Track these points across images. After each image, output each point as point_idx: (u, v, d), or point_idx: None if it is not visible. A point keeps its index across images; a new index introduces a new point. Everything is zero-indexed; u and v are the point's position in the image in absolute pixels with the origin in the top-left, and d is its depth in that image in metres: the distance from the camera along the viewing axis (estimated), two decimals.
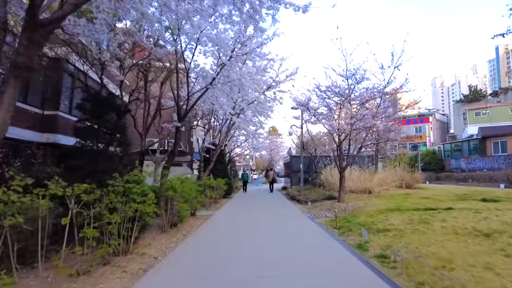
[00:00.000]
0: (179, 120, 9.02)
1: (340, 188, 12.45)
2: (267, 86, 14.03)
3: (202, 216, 10.16)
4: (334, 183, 17.03)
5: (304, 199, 13.77)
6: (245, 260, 5.09)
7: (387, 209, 10.00)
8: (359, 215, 9.59)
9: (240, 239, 6.81)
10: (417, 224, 7.22)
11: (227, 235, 7.27)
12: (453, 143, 30.45)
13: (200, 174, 14.81)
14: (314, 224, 8.59)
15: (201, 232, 7.59)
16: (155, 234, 7.06)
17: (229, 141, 21.35)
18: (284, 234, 7.26)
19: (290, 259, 5.09)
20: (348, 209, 10.92)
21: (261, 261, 5.00)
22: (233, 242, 6.53)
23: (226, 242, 6.49)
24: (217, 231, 7.88)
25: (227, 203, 14.79)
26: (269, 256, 5.27)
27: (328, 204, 12.42)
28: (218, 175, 16.47)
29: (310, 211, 11.40)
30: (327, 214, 10.48)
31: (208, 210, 11.83)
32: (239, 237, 7.00)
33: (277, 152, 44.17)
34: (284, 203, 14.58)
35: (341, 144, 12.15)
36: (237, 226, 8.49)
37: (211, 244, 6.28)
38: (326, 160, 20.77)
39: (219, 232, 7.69)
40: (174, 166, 17.08)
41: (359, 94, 11.25)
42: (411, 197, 12.28)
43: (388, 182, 16.12)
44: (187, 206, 8.00)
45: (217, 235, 7.26)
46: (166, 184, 7.11)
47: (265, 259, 5.12)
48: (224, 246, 6.11)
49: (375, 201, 12.06)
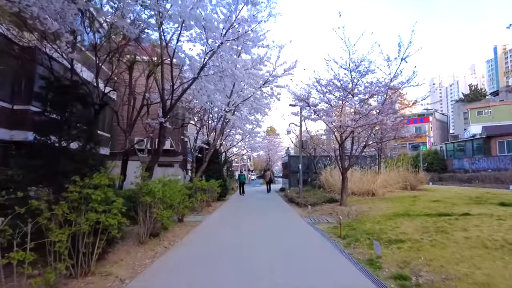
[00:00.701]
0: (163, 115, 8.04)
1: (342, 190, 11.50)
2: (263, 81, 13.08)
3: (190, 222, 9.17)
4: (335, 185, 16.10)
5: (303, 202, 12.81)
6: (233, 282, 4.12)
7: (395, 214, 9.06)
8: (365, 221, 8.64)
9: (231, 252, 5.84)
10: (434, 234, 6.27)
11: (215, 247, 6.29)
12: (456, 143, 29.61)
13: (192, 175, 13.83)
14: (315, 232, 7.62)
15: (185, 243, 6.60)
16: (131, 246, 6.07)
17: (224, 140, 20.35)
18: (281, 245, 6.29)
19: (290, 284, 4.12)
20: (351, 214, 9.97)
21: (254, 283, 4.03)
22: (222, 256, 5.55)
23: (213, 257, 5.51)
24: (204, 242, 6.89)
25: (221, 206, 13.81)
26: (264, 274, 4.30)
27: (329, 207, 11.47)
28: (212, 176, 15.48)
29: (310, 215, 10.44)
30: (329, 220, 9.52)
31: (198, 214, 10.85)
32: (229, 250, 6.02)
33: (275, 152, 43.17)
34: (281, 207, 13.61)
35: (343, 143, 11.21)
36: (228, 235, 7.50)
37: (194, 260, 5.29)
38: (325, 160, 19.83)
39: (206, 243, 6.70)
40: (165, 167, 16.10)
41: (363, 88, 10.30)
42: (419, 200, 11.34)
43: (392, 183, 15.19)
44: (171, 212, 7.01)
45: (202, 248, 6.28)
46: (143, 188, 6.12)
47: (259, 277, 4.15)
48: (210, 263, 5.12)
49: (381, 205, 11.13)
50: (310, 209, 11.06)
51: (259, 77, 12.85)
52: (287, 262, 5.08)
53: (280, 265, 4.89)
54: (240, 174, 21.92)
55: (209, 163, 16.00)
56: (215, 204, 14.09)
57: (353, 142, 11.25)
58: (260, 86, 13.22)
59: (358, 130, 10.60)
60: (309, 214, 10.69)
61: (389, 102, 9.94)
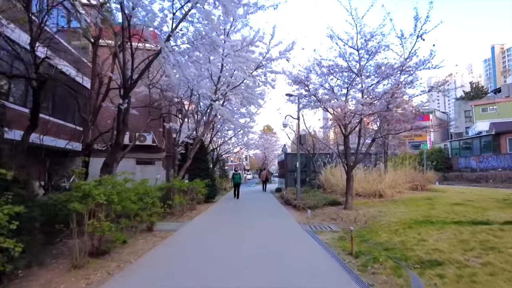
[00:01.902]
0: (123, 95, 6.29)
1: (347, 191, 9.81)
2: (256, 65, 11.36)
3: (162, 231, 7.41)
4: (337, 185, 14.43)
5: (302, 204, 11.10)
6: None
7: (414, 220, 7.38)
8: (378, 230, 6.95)
9: (204, 280, 4.10)
10: (482, 252, 4.59)
11: (183, 272, 4.55)
12: (462, 141, 28.06)
13: (173, 174, 12.10)
14: (318, 248, 5.90)
15: (142, 264, 4.84)
16: (62, 271, 4.31)
17: (215, 136, 18.58)
18: (275, 270, 4.57)
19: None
20: (360, 220, 8.29)
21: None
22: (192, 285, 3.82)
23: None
24: (169, 262, 5.13)
25: (207, 210, 12.06)
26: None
27: (332, 211, 9.77)
28: (199, 176, 13.73)
29: (310, 222, 8.74)
30: (333, 227, 7.82)
31: (176, 220, 9.10)
32: (202, 276, 4.28)
33: (272, 151, 41.45)
34: (276, 210, 11.89)
35: (349, 135, 9.51)
36: (204, 251, 5.77)
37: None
38: (325, 158, 18.15)
39: (171, 265, 4.95)
40: (144, 164, 14.32)
41: (373, 69, 8.59)
42: (437, 203, 9.67)
43: (400, 183, 13.53)
44: (125, 223, 5.27)
45: (164, 272, 4.53)
46: (75, 192, 4.36)
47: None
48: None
49: (393, 208, 9.46)
50: (310, 213, 9.35)
51: (250, 61, 11.16)
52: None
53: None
54: (235, 173, 17.72)
55: (194, 160, 14.25)
56: (200, 207, 12.33)
57: (360, 136, 9.56)
58: (252, 71, 11.52)
59: (368, 119, 8.91)
60: (308, 220, 8.98)
61: (404, 82, 8.25)
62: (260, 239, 6.68)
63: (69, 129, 11.63)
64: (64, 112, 10.40)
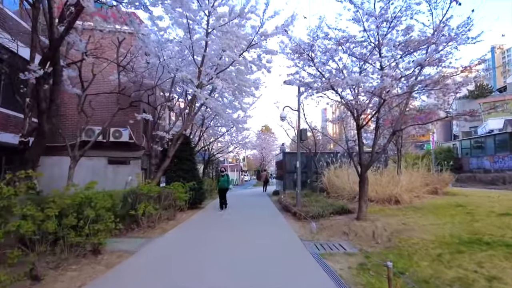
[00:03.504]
0: (44, 59, 4.29)
1: (361, 197, 7.83)
2: (247, 42, 9.40)
3: (114, 253, 5.41)
4: (343, 188, 12.46)
5: (303, 213, 9.12)
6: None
7: (458, 239, 5.42)
8: (412, 254, 4.99)
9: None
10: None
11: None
12: (473, 139, 26.15)
13: (150, 175, 10.13)
14: (330, 285, 3.92)
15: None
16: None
17: (204, 132, 16.56)
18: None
19: None
20: (380, 236, 6.33)
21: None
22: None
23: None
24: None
25: (190, 218, 10.05)
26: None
27: (341, 223, 7.78)
28: (183, 177, 11.73)
29: (315, 238, 6.75)
30: (346, 247, 5.86)
31: (144, 235, 7.09)
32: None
33: (269, 151, 39.53)
34: (273, 220, 9.89)
35: (362, 128, 7.54)
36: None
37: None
38: (328, 157, 16.18)
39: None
40: (117, 164, 12.27)
41: (396, 41, 6.59)
42: (475, 212, 7.68)
43: (416, 186, 11.56)
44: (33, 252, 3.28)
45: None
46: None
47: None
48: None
49: (418, 219, 7.50)
50: (315, 227, 7.35)
51: (241, 38, 9.19)
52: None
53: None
54: (221, 174, 12.71)
55: (180, 160, 12.26)
56: (182, 215, 10.31)
57: (378, 127, 7.57)
58: (243, 51, 9.55)
59: (393, 102, 6.93)
60: (313, 235, 6.98)
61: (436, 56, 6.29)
62: (250, 268, 4.68)
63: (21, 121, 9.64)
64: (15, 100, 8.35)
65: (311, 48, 6.63)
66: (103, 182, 11.72)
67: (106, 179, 11.71)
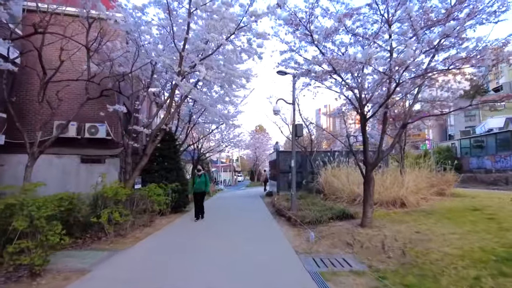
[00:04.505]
0: None
1: (366, 201, 6.74)
2: (235, 25, 8.26)
3: (61, 274, 4.22)
4: (341, 190, 11.38)
5: (299, 218, 8.00)
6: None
7: (493, 253, 4.36)
8: (436, 274, 3.91)
9: None
10: None
11: None
12: (473, 138, 25.37)
13: (127, 176, 8.95)
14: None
15: None
16: None
17: (191, 129, 15.34)
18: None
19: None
20: (391, 248, 5.25)
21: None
22: None
23: None
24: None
25: (170, 224, 8.87)
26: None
27: (343, 230, 6.69)
28: (165, 177, 10.55)
29: (313, 249, 5.64)
30: (352, 263, 4.76)
31: (110, 246, 5.89)
32: None
33: (263, 151, 38.43)
34: (266, 226, 8.74)
35: (368, 120, 6.46)
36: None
37: None
38: (325, 156, 15.13)
39: None
40: (90, 163, 10.98)
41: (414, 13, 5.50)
42: (498, 217, 6.63)
43: (422, 187, 10.54)
44: None
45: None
46: None
47: None
48: None
49: (433, 226, 6.43)
50: (313, 237, 6.22)
51: (228, 18, 8.06)
52: None
53: None
54: (197, 174, 9.98)
55: (163, 159, 11.07)
56: (161, 220, 9.11)
57: (386, 119, 6.48)
58: (230, 34, 8.41)
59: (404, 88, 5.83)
60: (311, 246, 5.87)
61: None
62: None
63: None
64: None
65: (309, 19, 5.51)
66: (75, 182, 10.59)
67: (78, 179, 10.45)
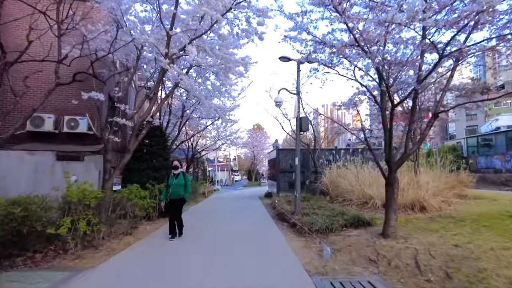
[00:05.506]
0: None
1: (389, 205, 5.57)
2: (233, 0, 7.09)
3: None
4: (351, 191, 10.21)
5: (306, 225, 6.82)
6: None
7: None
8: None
9: None
10: None
11: None
12: (480, 137, 24.33)
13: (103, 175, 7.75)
14: None
15: None
16: None
17: (184, 124, 14.10)
18: None
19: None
20: (429, 267, 4.09)
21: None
22: None
23: None
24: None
25: (155, 232, 7.66)
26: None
27: (361, 241, 5.52)
28: (152, 177, 9.36)
29: (329, 268, 4.46)
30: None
31: (70, 264, 4.69)
32: None
33: (261, 149, 37.22)
34: (266, 234, 7.54)
35: (396, 107, 5.29)
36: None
37: None
38: (329, 154, 13.98)
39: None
40: (67, 161, 9.75)
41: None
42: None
43: (442, 189, 9.39)
44: None
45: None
46: None
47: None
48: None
49: (470, 236, 5.28)
50: (329, 253, 5.01)
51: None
52: None
53: None
54: (172, 172, 6.79)
55: (145, 155, 9.86)
56: (146, 227, 7.89)
57: (415, 106, 5.30)
58: (226, 10, 7.22)
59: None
60: (324, 263, 4.68)
61: None
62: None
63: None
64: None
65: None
66: (49, 183, 9.23)
67: (53, 179, 9.19)
